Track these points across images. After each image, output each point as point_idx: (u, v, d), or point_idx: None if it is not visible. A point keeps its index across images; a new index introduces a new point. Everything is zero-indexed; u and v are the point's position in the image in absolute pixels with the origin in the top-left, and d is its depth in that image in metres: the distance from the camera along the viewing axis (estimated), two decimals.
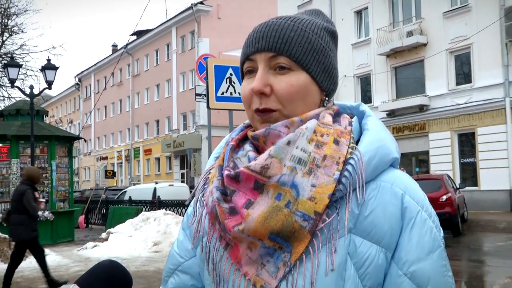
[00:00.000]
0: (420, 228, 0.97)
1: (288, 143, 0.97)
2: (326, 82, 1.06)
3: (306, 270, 0.93)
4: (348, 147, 0.98)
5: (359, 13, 25.61)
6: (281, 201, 0.94)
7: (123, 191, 22.31)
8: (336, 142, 0.98)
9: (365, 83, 25.29)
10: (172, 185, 21.74)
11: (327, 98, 1.08)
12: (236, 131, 1.13)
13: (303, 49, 1.02)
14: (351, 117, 1.08)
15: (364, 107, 1.10)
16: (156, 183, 22.41)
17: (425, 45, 22.15)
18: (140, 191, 20.61)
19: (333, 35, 1.09)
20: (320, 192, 0.94)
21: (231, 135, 1.13)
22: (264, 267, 0.96)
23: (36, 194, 8.01)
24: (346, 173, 0.95)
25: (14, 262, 7.88)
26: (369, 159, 0.97)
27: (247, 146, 1.05)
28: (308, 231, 0.93)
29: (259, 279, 0.96)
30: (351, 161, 0.96)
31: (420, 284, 0.95)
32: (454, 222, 13.64)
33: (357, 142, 1.01)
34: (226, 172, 1.01)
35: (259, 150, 1.04)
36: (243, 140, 1.10)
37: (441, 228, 1.02)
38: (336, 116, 1.07)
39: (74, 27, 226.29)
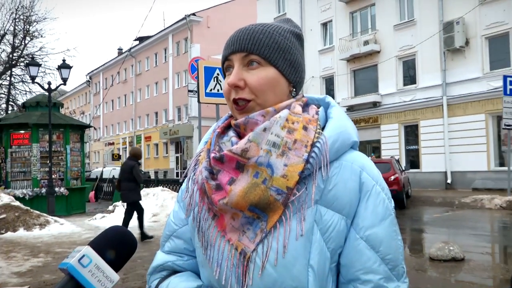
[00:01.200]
0: (374, 199, 0.97)
1: (264, 129, 0.95)
2: (293, 75, 1.04)
3: (279, 235, 0.93)
4: (315, 133, 0.97)
5: (325, 24, 25.57)
6: (258, 178, 0.93)
7: (92, 171, 28.39)
8: (305, 128, 0.97)
9: (329, 83, 25.35)
10: (114, 169, 24.80)
11: (294, 89, 1.06)
12: (222, 120, 1.11)
13: (270, 48, 1.00)
14: (318, 107, 1.07)
15: (329, 99, 1.09)
16: (104, 167, 28.26)
17: (378, 52, 22.27)
18: (95, 171, 27.12)
19: (299, 37, 1.07)
20: (291, 171, 0.93)
21: (217, 123, 1.11)
22: (245, 234, 0.95)
23: (140, 168, 8.61)
24: (313, 154, 0.94)
25: (139, 215, 8.76)
26: (333, 142, 0.96)
27: (231, 133, 1.04)
28: (281, 203, 0.93)
29: (240, 244, 0.95)
30: (318, 144, 0.95)
31: (374, 246, 0.94)
32: (400, 198, 13.79)
33: (323, 128, 1.00)
34: (212, 155, 0.99)
35: (240, 136, 1.02)
36: (227, 127, 1.08)
37: (392, 200, 1.01)
38: (306, 106, 1.06)
39: (85, 32, 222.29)
